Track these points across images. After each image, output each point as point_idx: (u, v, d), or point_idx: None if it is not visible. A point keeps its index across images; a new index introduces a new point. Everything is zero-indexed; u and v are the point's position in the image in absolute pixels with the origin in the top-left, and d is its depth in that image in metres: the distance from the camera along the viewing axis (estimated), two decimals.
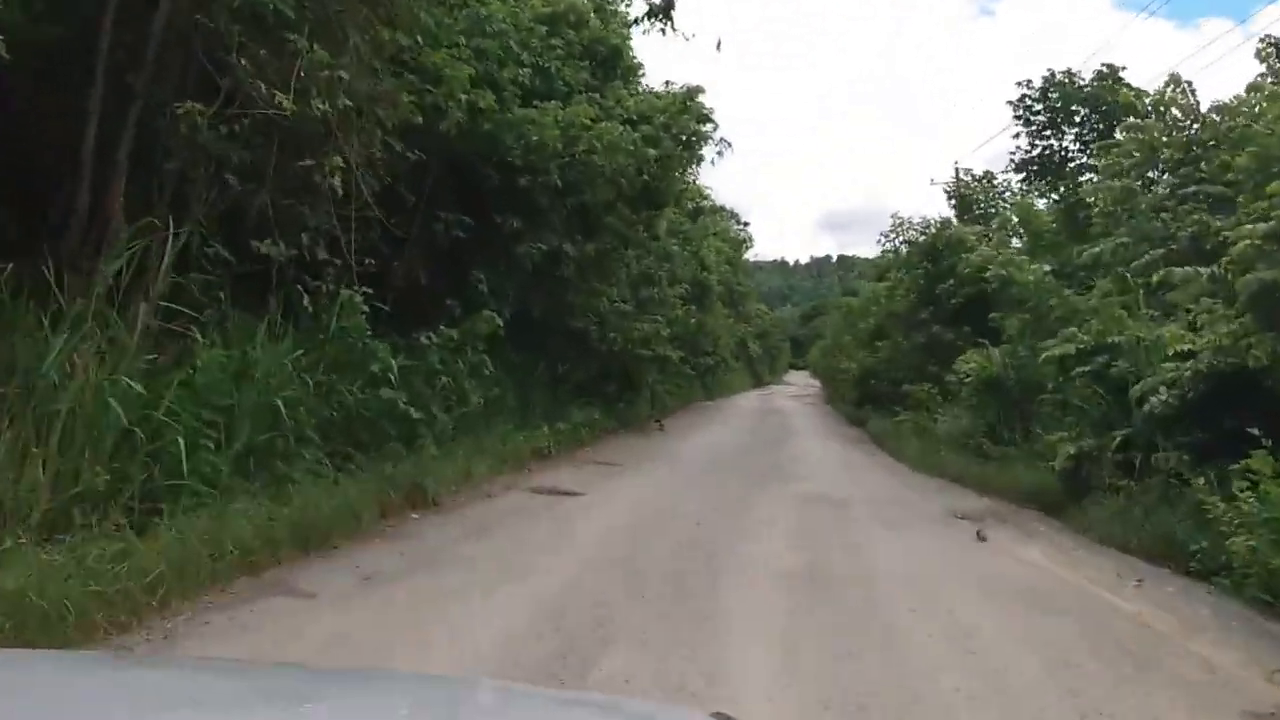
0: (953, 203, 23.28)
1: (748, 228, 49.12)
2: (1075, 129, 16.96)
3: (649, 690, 4.20)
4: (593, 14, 15.39)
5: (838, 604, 6.05)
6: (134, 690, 1.37)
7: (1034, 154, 17.53)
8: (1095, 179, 16.42)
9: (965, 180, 23.31)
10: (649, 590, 6.07)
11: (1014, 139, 17.82)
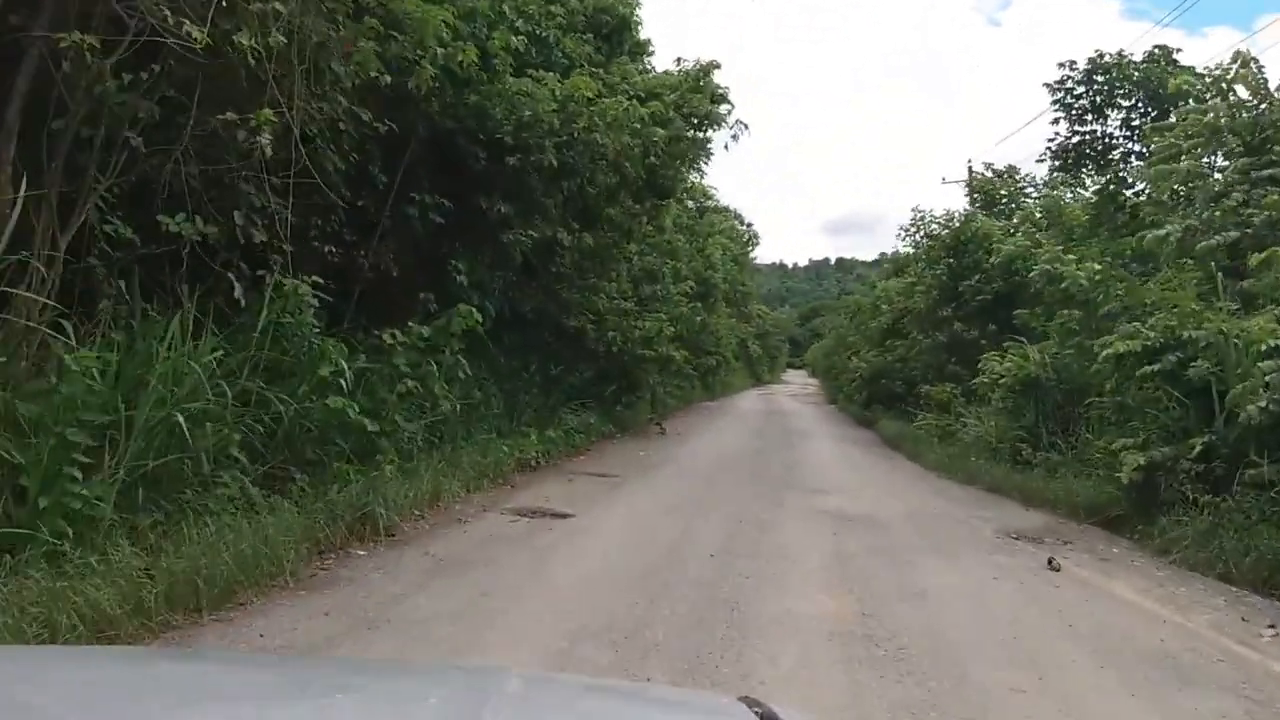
0: (973, 198, 21.47)
1: (751, 227, 47.01)
2: (1122, 114, 15.10)
3: None
4: None
5: (920, 693, 4.25)
6: (166, 684, 1.33)
7: (1073, 141, 15.65)
8: (1141, 166, 14.66)
9: (985, 175, 21.48)
10: (658, 675, 4.27)
11: (1052, 124, 15.98)
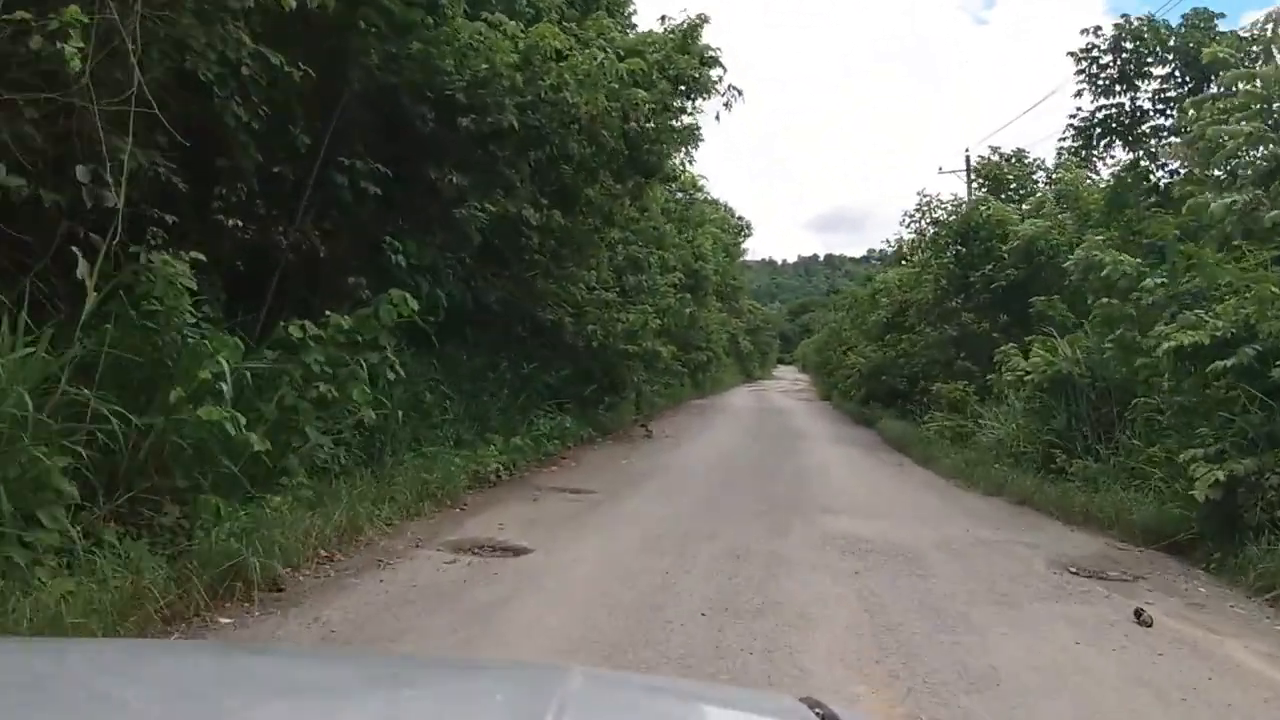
0: (980, 183, 19.63)
1: (743, 220, 44.99)
2: (1156, 83, 13.23)
3: None
4: None
5: None
6: (239, 678, 1.33)
7: (1098, 115, 13.78)
8: (1176, 141, 12.81)
9: (991, 159, 19.63)
10: None
11: (1074, 97, 14.09)
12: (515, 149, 9.04)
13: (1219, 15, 12.80)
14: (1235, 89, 10.36)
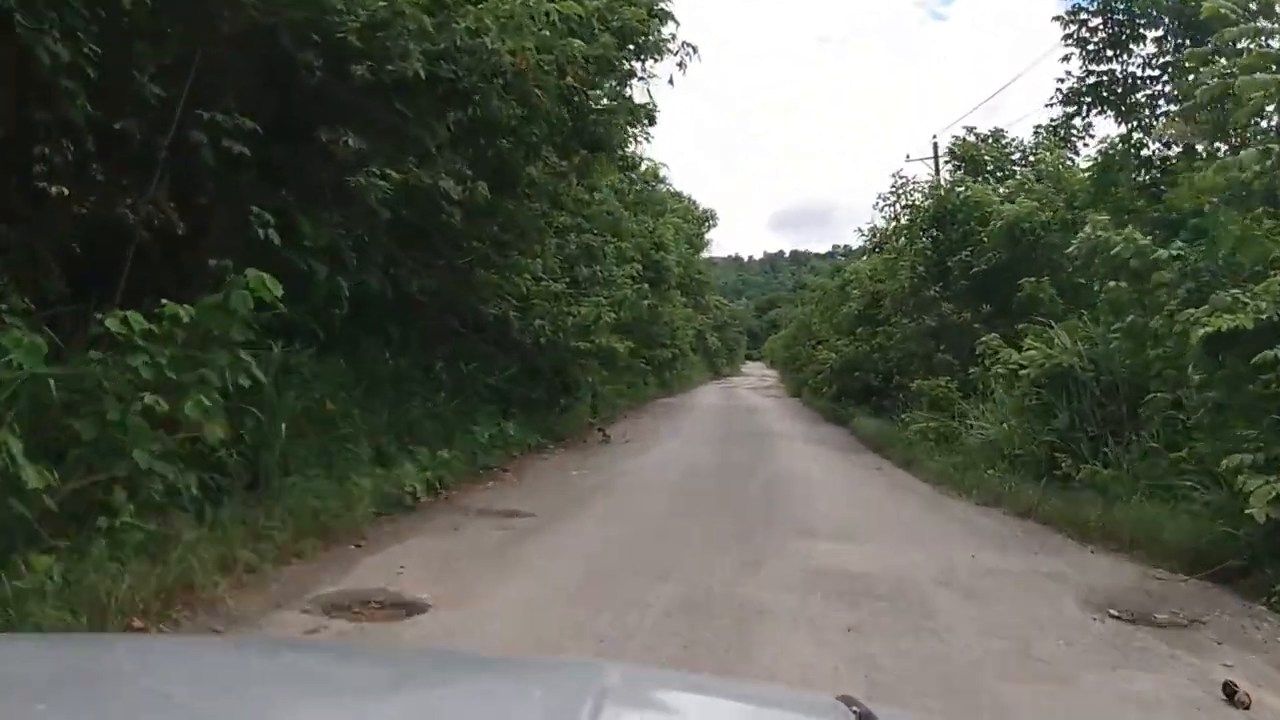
0: (955, 165, 18.26)
1: (707, 212, 43.46)
2: (1148, 48, 11.90)
3: None
4: None
5: None
6: (276, 676, 1.32)
7: (1088, 82, 12.40)
8: (1173, 110, 11.47)
9: (967, 140, 18.26)
10: None
11: (1062, 61, 12.70)
12: (428, 107, 7.39)
13: None
14: (1235, 45, 9.04)
